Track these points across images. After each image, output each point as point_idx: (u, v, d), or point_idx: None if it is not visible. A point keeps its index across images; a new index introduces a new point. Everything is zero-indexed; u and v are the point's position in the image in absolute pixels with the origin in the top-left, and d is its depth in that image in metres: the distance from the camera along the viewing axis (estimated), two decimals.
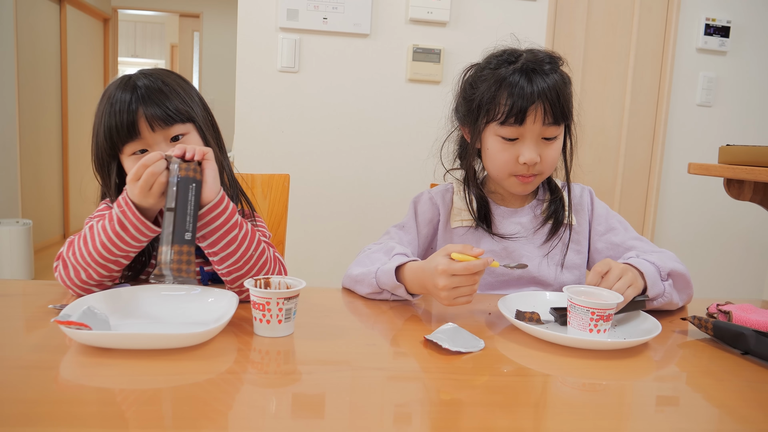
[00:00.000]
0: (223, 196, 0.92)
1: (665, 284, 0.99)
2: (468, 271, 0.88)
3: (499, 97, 1.07)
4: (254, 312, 0.83)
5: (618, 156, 2.78)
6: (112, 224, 0.91)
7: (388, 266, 1.01)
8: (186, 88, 1.05)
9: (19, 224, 3.59)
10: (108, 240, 0.91)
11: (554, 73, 1.07)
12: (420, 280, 0.96)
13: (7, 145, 3.88)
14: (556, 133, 1.09)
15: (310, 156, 2.46)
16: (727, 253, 2.89)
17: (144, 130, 0.98)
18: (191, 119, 1.03)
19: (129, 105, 0.97)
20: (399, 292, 1.00)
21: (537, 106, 1.05)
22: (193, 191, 0.88)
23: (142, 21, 9.59)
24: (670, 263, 1.02)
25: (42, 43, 4.46)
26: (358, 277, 1.07)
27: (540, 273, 1.17)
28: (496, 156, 1.11)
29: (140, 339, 0.76)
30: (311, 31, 2.38)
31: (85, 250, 0.93)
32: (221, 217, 0.91)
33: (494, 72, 1.09)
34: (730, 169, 1.70)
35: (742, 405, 0.70)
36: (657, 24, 2.71)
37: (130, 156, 1.00)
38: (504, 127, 1.07)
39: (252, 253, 0.95)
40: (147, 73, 1.03)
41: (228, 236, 0.92)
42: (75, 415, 0.59)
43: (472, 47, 2.48)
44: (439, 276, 0.89)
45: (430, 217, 1.22)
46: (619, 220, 1.23)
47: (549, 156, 1.10)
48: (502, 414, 0.64)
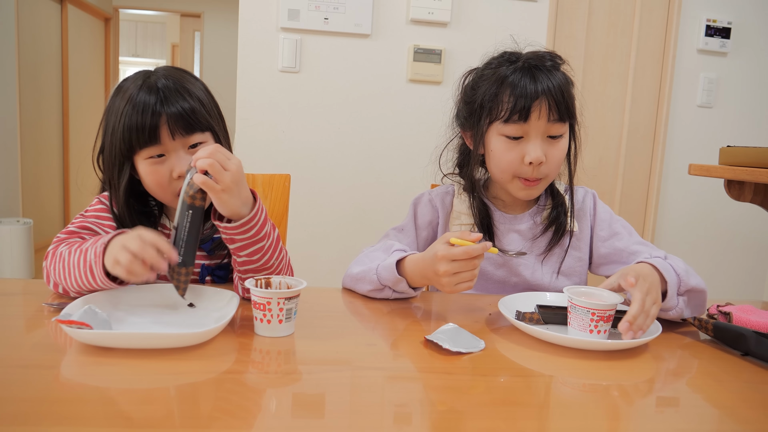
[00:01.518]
0: (256, 213, 0.91)
1: (680, 299, 0.95)
2: (467, 255, 0.88)
3: (501, 95, 1.06)
4: (255, 312, 0.83)
5: (618, 157, 2.78)
6: (85, 268, 0.89)
7: (389, 261, 1.01)
8: (205, 94, 1.05)
9: (20, 223, 3.59)
10: (80, 276, 0.90)
11: (557, 71, 1.07)
12: (421, 269, 0.96)
13: (8, 144, 3.88)
14: (561, 131, 1.08)
15: (311, 156, 2.46)
16: (727, 254, 2.89)
17: (164, 137, 0.97)
18: (210, 128, 1.03)
19: (153, 108, 0.95)
20: (400, 286, 1.00)
21: (541, 101, 1.03)
22: (189, 218, 0.88)
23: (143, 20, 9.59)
24: (693, 280, 0.96)
25: (43, 42, 4.46)
26: (358, 275, 1.07)
27: (535, 279, 1.16)
28: (501, 156, 1.09)
29: (141, 338, 0.76)
30: (312, 31, 2.38)
31: (63, 274, 0.93)
32: (250, 231, 0.92)
33: (495, 71, 1.08)
34: (730, 171, 1.70)
35: (742, 406, 0.70)
36: (658, 25, 2.71)
37: (146, 159, 0.99)
38: (508, 125, 1.06)
39: (274, 261, 0.97)
40: (167, 74, 1.01)
41: (254, 246, 0.93)
42: (76, 414, 0.59)
43: (473, 48, 2.48)
44: (439, 262, 0.90)
45: (429, 219, 1.21)
46: (623, 224, 1.20)
47: (554, 156, 1.08)
48: (502, 415, 0.64)
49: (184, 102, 0.98)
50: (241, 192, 0.89)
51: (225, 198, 0.88)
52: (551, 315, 0.93)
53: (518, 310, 0.95)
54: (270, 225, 0.96)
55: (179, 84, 0.99)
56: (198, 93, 1.02)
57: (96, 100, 5.57)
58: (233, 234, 0.91)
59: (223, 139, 1.06)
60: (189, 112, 0.98)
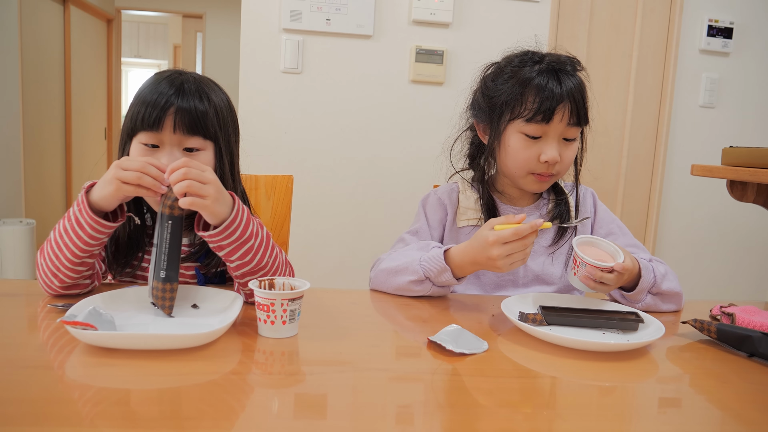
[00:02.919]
0: (236, 215, 0.90)
1: (650, 296, 1.05)
2: (518, 235, 0.93)
3: (526, 95, 1.09)
4: (258, 313, 0.84)
5: (620, 157, 2.78)
6: (70, 222, 0.91)
7: (434, 252, 1.04)
8: (224, 106, 1.05)
9: (23, 224, 3.60)
10: (69, 240, 0.91)
11: (576, 76, 1.11)
12: (470, 257, 0.99)
13: (11, 144, 3.89)
14: (575, 135, 1.12)
15: (314, 157, 2.46)
16: (729, 255, 2.89)
17: (167, 128, 0.97)
18: (215, 139, 1.02)
19: (167, 96, 0.96)
20: (444, 276, 1.02)
21: (565, 105, 1.07)
22: (168, 229, 0.87)
23: (146, 21, 9.60)
24: (666, 285, 1.05)
25: (46, 43, 4.47)
26: (398, 268, 1.07)
27: (544, 272, 1.18)
28: (518, 153, 1.12)
29: (145, 339, 0.76)
30: (314, 32, 2.38)
31: (52, 253, 0.93)
32: (234, 234, 0.90)
33: (518, 70, 1.12)
34: (733, 171, 1.70)
35: (746, 407, 0.70)
36: (660, 25, 2.71)
37: (140, 144, 0.99)
38: (530, 125, 1.09)
39: (267, 260, 0.96)
40: (196, 77, 1.03)
41: (243, 248, 0.92)
42: (80, 414, 0.59)
43: (475, 48, 2.48)
44: (491, 247, 0.94)
45: (439, 218, 1.23)
46: (619, 225, 1.25)
47: (567, 157, 1.13)
48: (505, 415, 0.64)
49: (199, 102, 0.99)
50: (224, 197, 0.90)
51: (215, 208, 0.88)
52: (554, 316, 0.93)
53: (521, 311, 0.95)
54: (256, 224, 0.95)
55: (201, 87, 1.01)
56: (216, 101, 1.02)
57: (98, 101, 5.58)
58: (220, 240, 0.90)
59: (225, 155, 1.04)
60: (199, 113, 0.98)
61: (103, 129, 5.65)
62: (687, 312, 1.09)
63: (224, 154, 1.03)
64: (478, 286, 1.20)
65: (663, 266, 1.08)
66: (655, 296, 1.05)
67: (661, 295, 1.06)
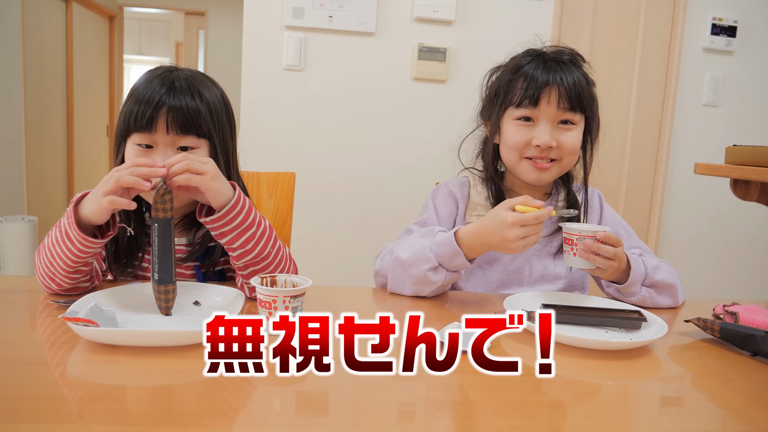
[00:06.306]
0: (237, 200, 0.91)
1: (645, 289, 1.06)
2: (537, 221, 0.95)
3: (515, 82, 1.11)
4: (260, 310, 0.83)
5: (624, 155, 2.77)
6: (61, 234, 0.90)
7: (443, 236, 1.04)
8: (218, 102, 1.04)
9: (25, 221, 3.61)
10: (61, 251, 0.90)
11: (574, 66, 1.11)
12: (482, 238, 0.99)
13: (13, 141, 3.89)
14: (573, 119, 1.11)
15: (316, 154, 2.46)
16: (733, 254, 2.88)
17: (160, 128, 0.96)
18: (209, 137, 1.01)
19: (159, 96, 0.95)
20: (457, 260, 1.01)
21: (551, 88, 1.08)
22: (156, 231, 0.86)
23: (148, 18, 9.60)
24: (659, 275, 1.06)
25: (48, 40, 4.47)
26: (410, 259, 1.04)
27: (549, 271, 1.18)
28: (510, 138, 1.13)
29: (147, 336, 0.76)
30: (317, 29, 2.38)
31: (47, 259, 0.92)
32: (236, 219, 0.91)
33: (514, 63, 1.14)
34: (736, 170, 1.70)
35: (748, 406, 0.70)
36: (663, 23, 2.70)
37: (134, 144, 0.98)
38: (519, 109, 1.11)
39: (270, 250, 0.96)
40: (188, 73, 1.01)
41: (245, 235, 0.92)
42: (82, 411, 0.59)
43: (478, 46, 2.48)
44: (510, 228, 0.95)
45: (449, 211, 1.21)
46: (624, 226, 1.24)
47: (567, 141, 1.11)
48: (507, 413, 0.64)
49: (191, 101, 0.97)
50: (224, 179, 0.91)
51: (216, 185, 0.88)
52: (557, 314, 0.93)
53: (524, 309, 0.94)
54: (258, 214, 0.95)
55: (193, 84, 0.99)
56: (210, 98, 1.01)
57: (101, 98, 5.59)
58: (222, 225, 0.90)
59: (221, 152, 1.02)
60: (192, 112, 0.97)
61: (105, 126, 5.65)
62: (690, 311, 1.08)
63: (219, 151, 1.02)
64: (483, 285, 1.19)
65: (656, 260, 1.09)
66: (649, 288, 1.06)
67: (656, 286, 1.06)
